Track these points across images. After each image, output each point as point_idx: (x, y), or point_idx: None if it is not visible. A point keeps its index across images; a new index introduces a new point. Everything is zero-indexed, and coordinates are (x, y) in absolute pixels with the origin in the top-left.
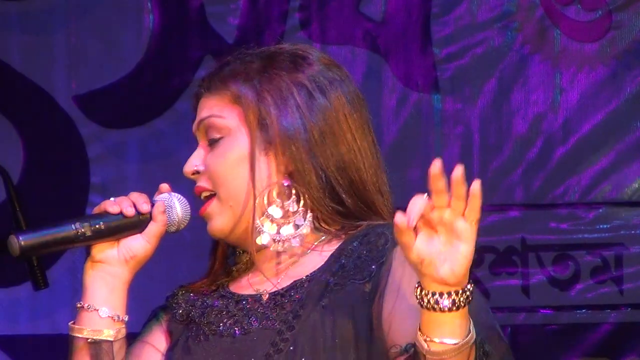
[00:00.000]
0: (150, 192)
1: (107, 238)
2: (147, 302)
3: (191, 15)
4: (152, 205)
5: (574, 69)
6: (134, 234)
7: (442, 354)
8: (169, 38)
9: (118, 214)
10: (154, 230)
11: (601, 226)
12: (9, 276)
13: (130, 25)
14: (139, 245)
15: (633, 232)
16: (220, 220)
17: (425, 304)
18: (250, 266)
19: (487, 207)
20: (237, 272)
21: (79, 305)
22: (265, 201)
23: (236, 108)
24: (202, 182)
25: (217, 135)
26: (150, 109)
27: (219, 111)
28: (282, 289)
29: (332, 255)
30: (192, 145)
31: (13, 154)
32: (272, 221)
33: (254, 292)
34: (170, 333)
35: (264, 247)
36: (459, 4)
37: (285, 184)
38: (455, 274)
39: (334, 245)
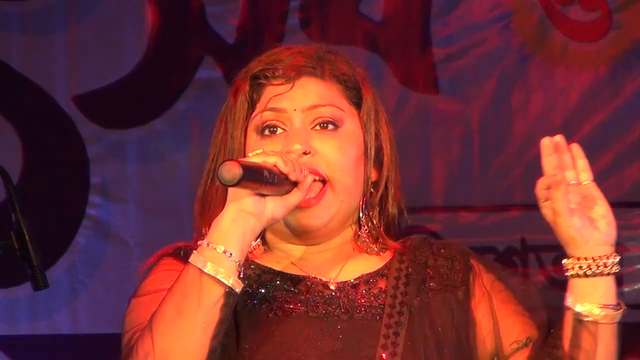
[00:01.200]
0: (150, 192)
1: (265, 191)
2: None
3: (191, 15)
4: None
5: (574, 69)
6: (274, 195)
7: (614, 318)
8: (169, 38)
9: (283, 174)
10: (295, 199)
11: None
12: (9, 276)
13: (130, 25)
14: (279, 209)
15: (633, 232)
16: (327, 213)
17: (594, 270)
18: (284, 250)
19: (487, 208)
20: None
21: (218, 249)
22: (366, 206)
23: (351, 106)
24: (316, 166)
25: (336, 125)
26: (150, 109)
27: (338, 102)
28: (352, 280)
29: (401, 257)
30: (193, 145)
31: (13, 154)
32: (367, 226)
33: (311, 276)
34: None
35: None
36: (459, 4)
37: (373, 193)
38: (612, 225)
39: (386, 250)
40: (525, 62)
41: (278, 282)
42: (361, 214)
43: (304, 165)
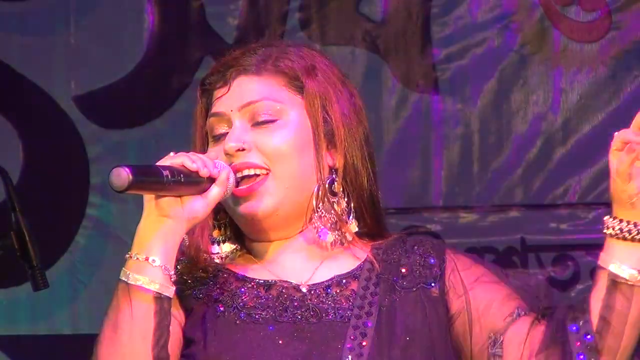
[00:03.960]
0: None
1: (176, 192)
2: None
3: (191, 15)
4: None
5: (574, 69)
6: (192, 194)
7: None
8: (169, 38)
9: (193, 172)
10: (215, 195)
11: (601, 226)
12: (9, 276)
13: (130, 25)
14: (200, 207)
15: None
16: (271, 199)
17: (634, 235)
18: (258, 252)
19: (487, 208)
20: (231, 256)
21: (140, 257)
22: (321, 192)
23: (295, 95)
24: (252, 159)
25: (271, 117)
26: (150, 109)
27: (274, 95)
28: (324, 282)
29: (375, 257)
30: (193, 146)
31: (13, 154)
32: (328, 213)
33: (282, 281)
34: (184, 308)
35: (323, 240)
36: (459, 4)
37: (335, 179)
38: None
39: (362, 248)
40: (525, 62)
41: (248, 289)
42: (314, 201)
43: (242, 162)
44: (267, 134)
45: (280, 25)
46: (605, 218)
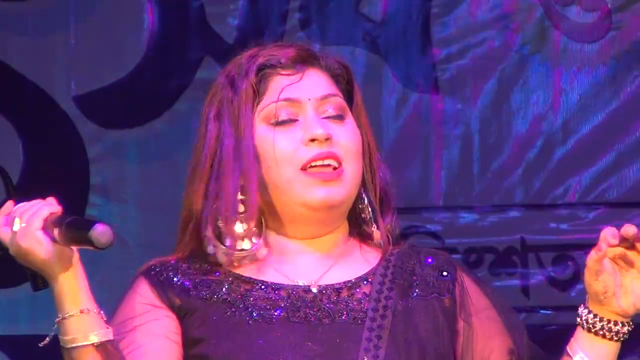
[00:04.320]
0: (150, 192)
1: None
2: None
3: (191, 15)
4: None
5: (574, 69)
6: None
7: None
8: (168, 38)
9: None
10: None
11: (601, 226)
12: (9, 276)
13: (130, 25)
14: None
15: None
16: (345, 189)
17: (597, 329)
18: (273, 249)
19: (487, 208)
20: (232, 259)
21: (73, 313)
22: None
23: (344, 100)
24: (336, 150)
25: (342, 113)
26: (150, 109)
27: (340, 93)
28: (335, 284)
29: (388, 263)
30: (192, 145)
31: (13, 154)
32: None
33: (291, 282)
34: (183, 311)
35: (371, 238)
36: (459, 4)
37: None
38: (636, 307)
39: (374, 253)
40: (525, 62)
41: (258, 290)
42: (365, 200)
43: (328, 151)
44: (341, 129)
45: (280, 25)
46: (580, 307)
